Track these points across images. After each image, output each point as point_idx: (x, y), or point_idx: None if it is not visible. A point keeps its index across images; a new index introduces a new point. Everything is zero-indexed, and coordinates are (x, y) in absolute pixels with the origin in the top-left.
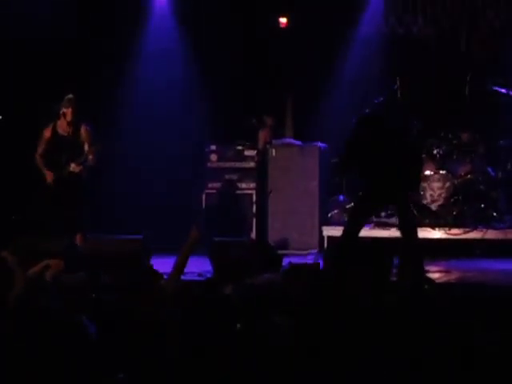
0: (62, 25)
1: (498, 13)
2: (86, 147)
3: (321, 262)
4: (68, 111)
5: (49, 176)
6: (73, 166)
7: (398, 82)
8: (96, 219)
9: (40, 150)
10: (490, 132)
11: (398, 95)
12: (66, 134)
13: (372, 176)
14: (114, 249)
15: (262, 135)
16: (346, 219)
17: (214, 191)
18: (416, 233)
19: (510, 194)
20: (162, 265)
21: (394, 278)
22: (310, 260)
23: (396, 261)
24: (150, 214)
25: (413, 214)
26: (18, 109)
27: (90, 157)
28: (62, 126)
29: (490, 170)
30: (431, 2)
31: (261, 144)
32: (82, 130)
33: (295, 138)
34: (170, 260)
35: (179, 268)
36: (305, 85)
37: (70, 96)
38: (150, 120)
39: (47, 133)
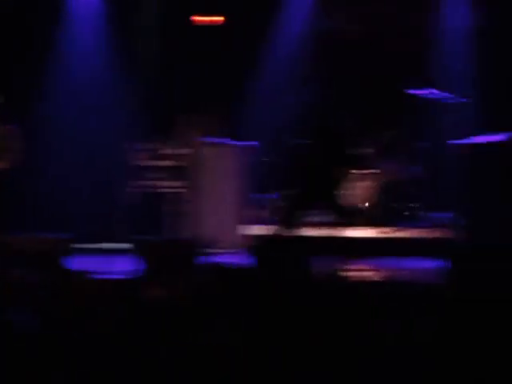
0: None
1: (420, 16)
2: (10, 146)
3: (247, 261)
4: None
5: None
6: None
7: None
8: (19, 218)
9: None
10: (413, 132)
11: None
12: None
13: (303, 176)
14: (32, 247)
15: (193, 134)
16: (274, 218)
17: (139, 190)
18: (342, 231)
19: (434, 193)
20: (84, 264)
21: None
22: (235, 259)
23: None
24: (73, 213)
25: (342, 214)
26: None
27: (15, 155)
28: None
29: (414, 170)
30: (355, 2)
31: (189, 143)
32: (6, 130)
33: (223, 136)
34: (92, 259)
35: None
36: (234, 83)
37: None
38: (74, 117)
39: None
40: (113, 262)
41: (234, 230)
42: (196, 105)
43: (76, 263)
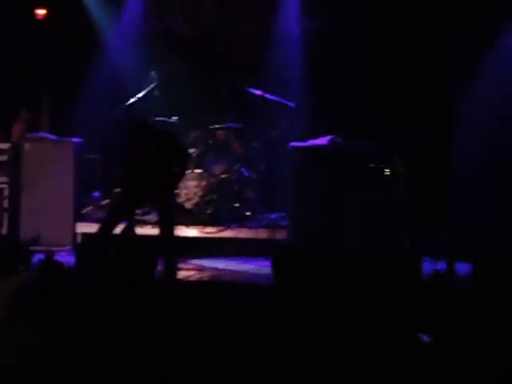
0: None
1: (256, 19)
2: None
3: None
4: None
5: None
6: None
7: (154, 78)
8: None
9: None
10: (245, 132)
11: (156, 92)
12: None
13: (132, 174)
14: None
15: (16, 129)
16: (101, 216)
17: None
18: (173, 231)
19: (263, 194)
20: None
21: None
22: (62, 257)
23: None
24: None
25: (172, 213)
26: None
27: None
28: None
29: (244, 170)
30: (189, 1)
31: (14, 138)
32: None
33: (50, 131)
34: None
35: None
36: (62, 80)
37: None
38: None
39: None
40: None
41: (59, 227)
42: (21, 100)
43: None
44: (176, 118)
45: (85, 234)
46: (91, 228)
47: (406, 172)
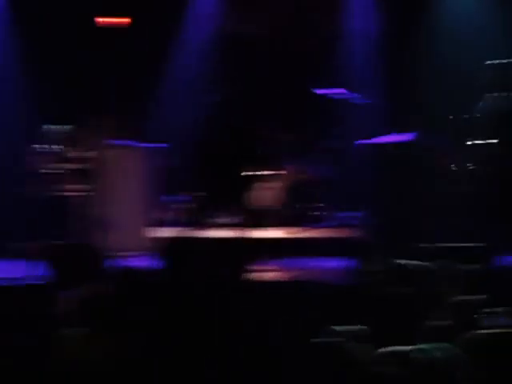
0: None
1: (322, 16)
2: None
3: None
4: None
5: None
6: None
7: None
8: None
9: None
10: (320, 132)
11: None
12: None
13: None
14: None
15: (93, 136)
16: (181, 220)
17: (38, 194)
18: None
19: (339, 193)
20: None
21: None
22: (142, 262)
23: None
24: None
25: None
26: None
27: None
28: None
29: (319, 170)
30: (257, 3)
31: (92, 145)
32: None
33: (128, 139)
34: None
35: None
36: (136, 85)
37: None
38: None
39: None
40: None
41: (141, 232)
42: (101, 106)
43: None
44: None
45: (165, 239)
46: (168, 233)
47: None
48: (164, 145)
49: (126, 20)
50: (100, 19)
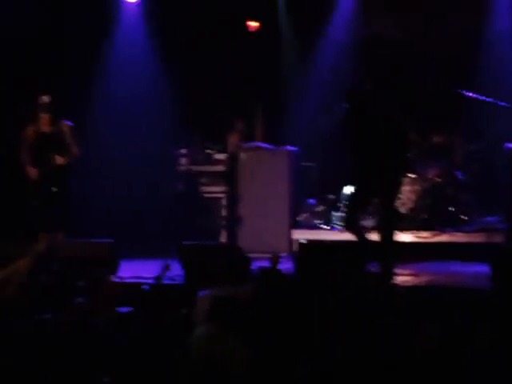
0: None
1: (467, 19)
2: (70, 141)
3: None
4: (46, 116)
5: (32, 173)
6: (58, 158)
7: (368, 86)
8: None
9: (23, 149)
10: (462, 135)
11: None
12: (48, 131)
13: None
14: (83, 252)
15: (232, 139)
16: (316, 223)
17: (184, 195)
18: (392, 236)
19: (478, 197)
20: (130, 268)
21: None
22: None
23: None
24: (120, 217)
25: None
26: None
27: (74, 149)
28: (44, 124)
29: (458, 173)
30: (401, 6)
31: (230, 148)
32: (64, 126)
33: (265, 141)
34: (139, 263)
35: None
36: (275, 88)
37: (46, 100)
38: (120, 123)
39: (29, 132)
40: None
41: (275, 234)
42: (240, 110)
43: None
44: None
45: (300, 241)
46: (306, 235)
47: None
48: (296, 148)
49: (256, 24)
50: (252, 23)
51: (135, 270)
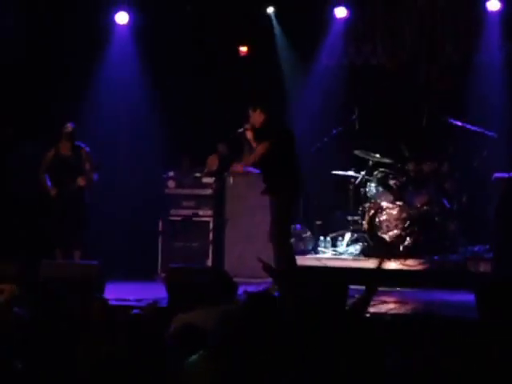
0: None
1: (456, 47)
2: (88, 166)
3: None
4: (68, 143)
5: (52, 191)
6: (80, 180)
7: (356, 112)
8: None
9: (43, 169)
10: (449, 163)
11: (356, 126)
12: (68, 155)
13: None
14: (68, 274)
15: (211, 161)
16: (302, 248)
17: (171, 218)
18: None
19: (465, 225)
20: (116, 291)
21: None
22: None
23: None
24: (106, 239)
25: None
26: None
27: (90, 175)
28: (64, 149)
29: (445, 201)
30: (390, 34)
31: (208, 169)
32: (83, 152)
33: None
34: (124, 286)
35: None
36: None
37: (69, 129)
38: (107, 144)
39: (49, 155)
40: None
41: (267, 259)
42: (227, 134)
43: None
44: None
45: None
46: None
47: None
48: None
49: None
50: (242, 48)
51: (119, 293)
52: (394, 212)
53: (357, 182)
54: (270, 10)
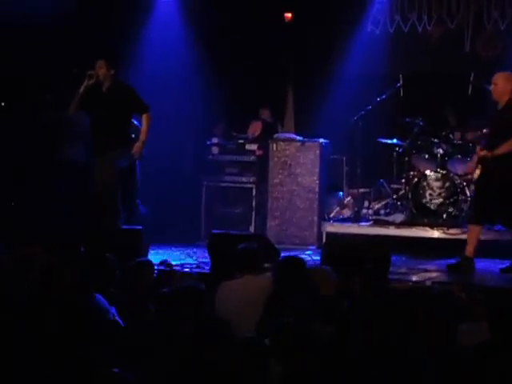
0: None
1: (502, 14)
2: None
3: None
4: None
5: None
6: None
7: (400, 80)
8: None
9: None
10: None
11: (401, 93)
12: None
13: None
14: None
15: (253, 127)
16: (344, 215)
17: (214, 184)
18: None
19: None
20: (160, 256)
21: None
22: (308, 256)
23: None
24: (150, 205)
25: None
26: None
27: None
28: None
29: None
30: (436, 1)
31: (250, 135)
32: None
33: (296, 133)
34: (168, 252)
35: None
36: (307, 80)
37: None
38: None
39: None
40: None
41: (304, 226)
42: (271, 101)
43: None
44: (420, 119)
45: (329, 234)
46: (335, 228)
47: None
48: (326, 140)
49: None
50: (287, 14)
51: (163, 257)
52: (438, 180)
53: (401, 150)
54: None
